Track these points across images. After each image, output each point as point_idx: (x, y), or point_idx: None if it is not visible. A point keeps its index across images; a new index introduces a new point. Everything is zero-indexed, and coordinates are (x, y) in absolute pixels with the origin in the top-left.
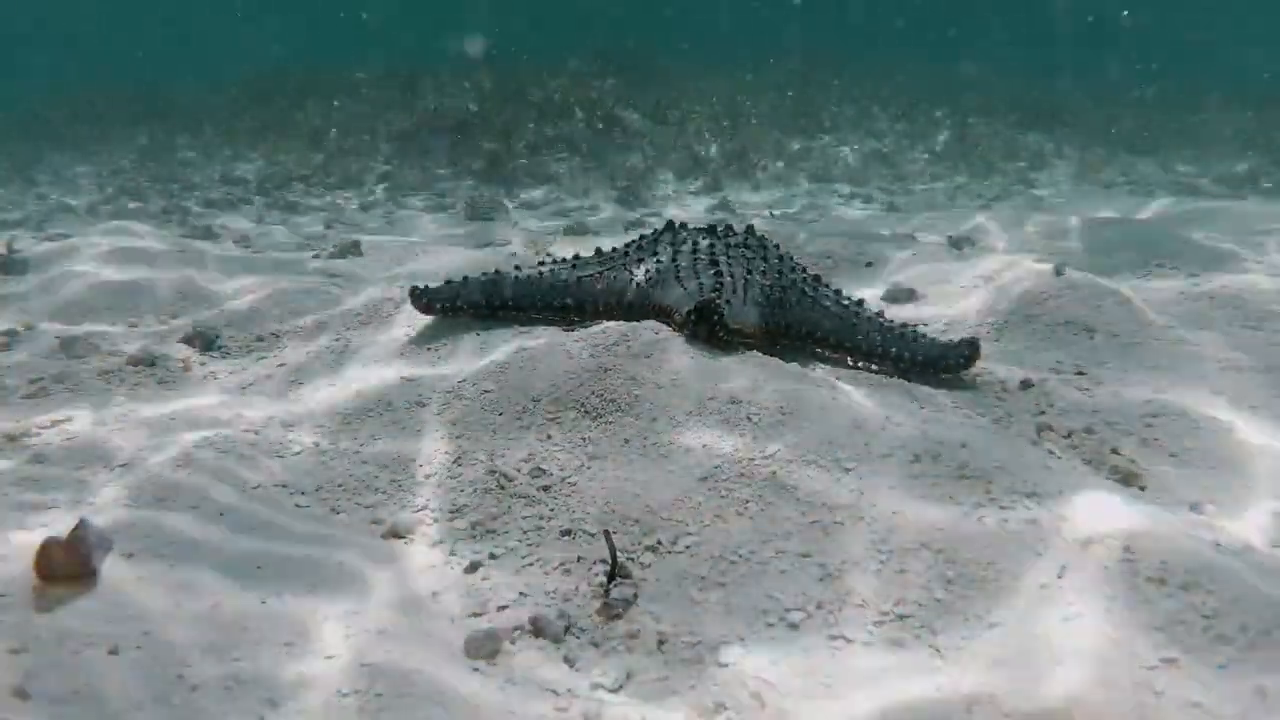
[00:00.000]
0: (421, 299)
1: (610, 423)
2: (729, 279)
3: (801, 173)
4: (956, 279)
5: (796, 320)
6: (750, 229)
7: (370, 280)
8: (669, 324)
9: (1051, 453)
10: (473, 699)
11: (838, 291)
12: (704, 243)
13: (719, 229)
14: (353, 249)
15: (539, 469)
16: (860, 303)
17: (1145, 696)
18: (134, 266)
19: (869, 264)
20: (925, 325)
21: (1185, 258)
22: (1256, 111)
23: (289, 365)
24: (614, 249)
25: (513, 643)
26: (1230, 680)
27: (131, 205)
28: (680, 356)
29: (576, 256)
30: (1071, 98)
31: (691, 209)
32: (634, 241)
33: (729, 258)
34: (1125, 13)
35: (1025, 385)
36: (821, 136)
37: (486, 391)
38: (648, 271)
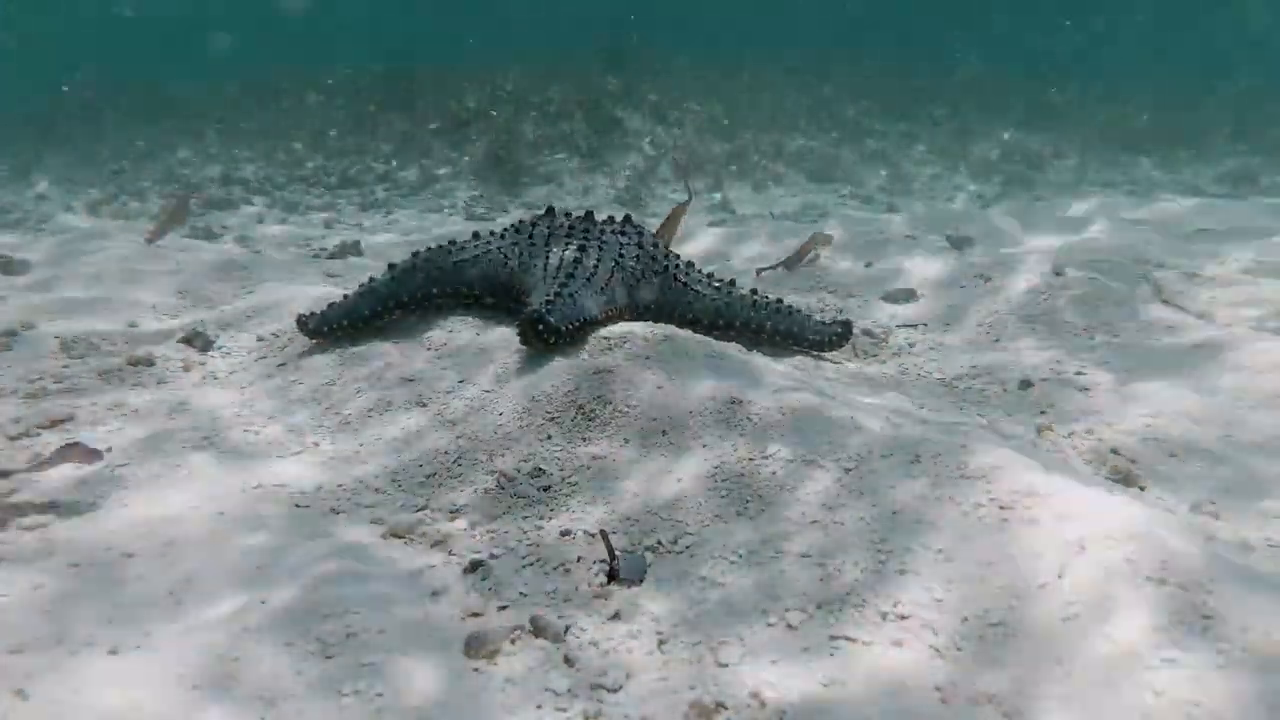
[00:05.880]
0: (308, 325)
1: (609, 423)
2: (593, 263)
3: (802, 172)
4: (956, 278)
5: (670, 300)
6: (628, 218)
7: None
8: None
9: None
10: (473, 699)
11: (710, 275)
12: (579, 227)
13: (595, 216)
14: (353, 249)
15: (539, 469)
16: (732, 283)
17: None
18: (134, 267)
19: (868, 264)
20: (926, 325)
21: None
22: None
23: (289, 365)
24: (491, 232)
25: (513, 643)
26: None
27: (131, 205)
28: (680, 358)
29: (452, 242)
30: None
31: (690, 209)
32: (513, 225)
33: (601, 244)
34: None
35: (1025, 385)
36: (822, 136)
37: (486, 391)
38: (520, 255)
